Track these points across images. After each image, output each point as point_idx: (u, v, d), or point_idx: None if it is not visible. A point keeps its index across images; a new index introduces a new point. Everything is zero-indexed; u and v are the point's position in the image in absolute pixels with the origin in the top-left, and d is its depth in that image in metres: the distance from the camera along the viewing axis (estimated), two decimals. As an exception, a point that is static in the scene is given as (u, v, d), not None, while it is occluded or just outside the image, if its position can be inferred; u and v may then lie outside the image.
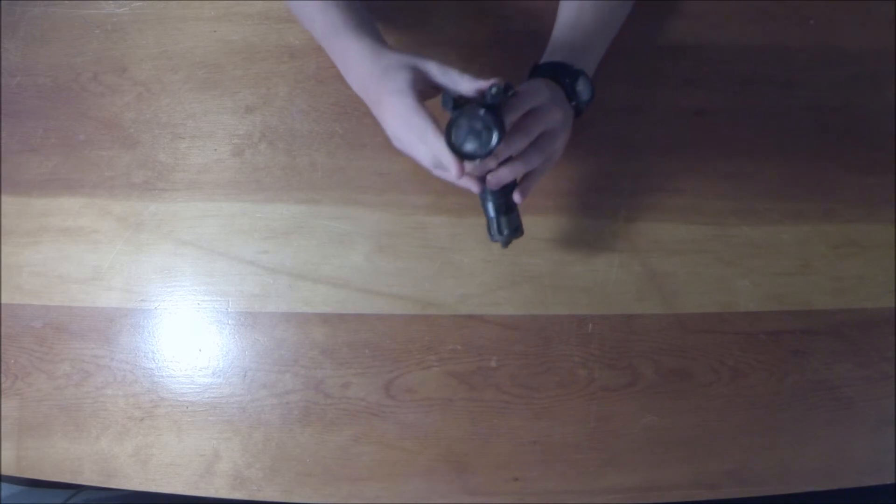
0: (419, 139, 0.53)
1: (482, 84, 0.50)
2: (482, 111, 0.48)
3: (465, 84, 0.51)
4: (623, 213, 0.68)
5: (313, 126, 0.70)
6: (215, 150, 0.70)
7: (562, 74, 0.59)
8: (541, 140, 0.55)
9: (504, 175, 0.55)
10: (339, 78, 0.60)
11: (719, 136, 0.69)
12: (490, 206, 0.56)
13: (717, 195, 0.68)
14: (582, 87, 0.59)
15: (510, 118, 0.52)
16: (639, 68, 0.70)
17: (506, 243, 0.58)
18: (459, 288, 0.67)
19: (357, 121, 0.69)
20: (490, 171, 0.54)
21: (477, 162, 0.51)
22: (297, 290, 0.67)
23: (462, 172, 0.50)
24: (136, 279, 0.69)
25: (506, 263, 0.67)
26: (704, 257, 0.67)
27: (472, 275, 0.67)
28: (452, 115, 0.49)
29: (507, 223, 0.56)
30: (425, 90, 0.54)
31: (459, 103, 0.50)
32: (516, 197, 0.57)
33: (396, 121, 0.54)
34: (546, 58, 0.62)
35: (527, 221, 0.67)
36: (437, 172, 0.56)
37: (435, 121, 0.51)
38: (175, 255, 0.69)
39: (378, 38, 0.57)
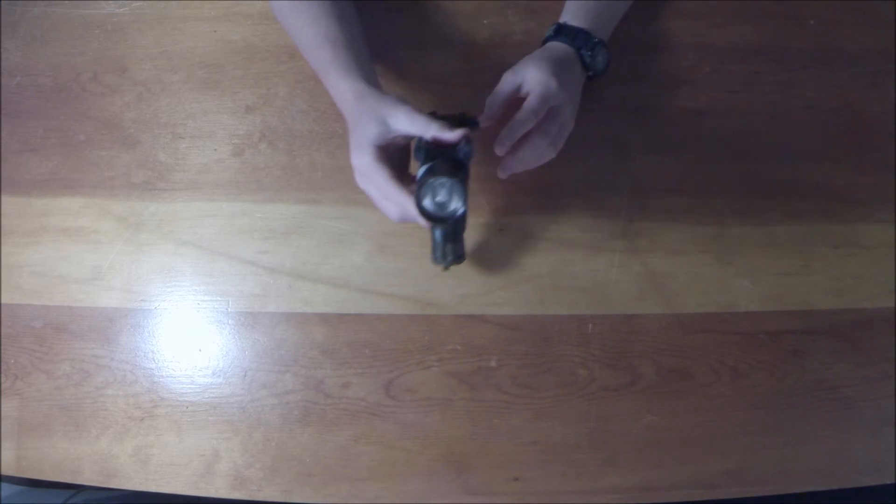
0: (383, 196, 0.54)
1: (448, 136, 0.51)
2: (449, 179, 0.49)
3: (431, 132, 0.51)
4: (623, 213, 0.68)
5: (313, 126, 0.70)
6: (215, 150, 0.70)
7: (584, 44, 0.62)
8: (546, 124, 0.57)
9: (512, 166, 0.57)
10: (339, 78, 0.61)
11: (719, 136, 0.69)
12: (437, 233, 0.57)
13: (716, 195, 0.68)
14: (601, 59, 0.63)
15: (530, 123, 0.55)
16: (639, 68, 0.70)
17: (446, 267, 0.59)
18: (459, 288, 0.67)
19: (357, 121, 0.69)
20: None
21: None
22: (297, 290, 0.67)
23: (428, 225, 0.53)
24: (136, 279, 0.69)
25: (506, 263, 0.67)
26: (704, 257, 0.67)
27: (472, 275, 0.67)
28: (420, 178, 0.51)
29: (452, 250, 0.58)
30: (395, 140, 0.54)
31: (431, 154, 0.52)
32: (501, 174, 0.59)
33: (360, 178, 0.55)
34: (569, 19, 0.64)
35: (527, 221, 0.68)
36: (402, 221, 0.56)
37: (394, 176, 0.52)
38: (175, 255, 0.69)
39: (364, 77, 0.57)
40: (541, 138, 0.57)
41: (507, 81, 0.59)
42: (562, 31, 0.63)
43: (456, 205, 0.50)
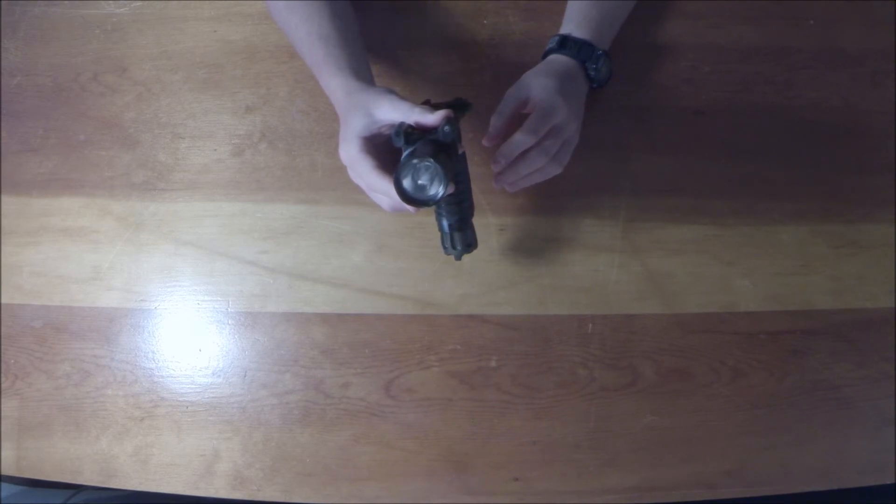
0: (367, 187, 0.53)
1: (430, 119, 0.49)
2: (428, 161, 0.47)
3: (414, 117, 0.50)
4: (623, 213, 0.68)
5: (313, 126, 0.70)
6: (215, 150, 0.70)
7: (588, 57, 0.61)
8: (546, 141, 0.56)
9: (509, 180, 0.57)
10: (339, 78, 0.61)
11: (719, 136, 0.69)
12: (444, 223, 0.56)
13: (716, 195, 0.68)
14: (605, 70, 0.63)
15: (529, 142, 0.54)
16: (639, 68, 0.70)
17: (458, 257, 0.58)
18: (459, 288, 0.67)
19: (357, 121, 0.69)
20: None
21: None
22: (297, 290, 0.67)
23: (415, 210, 0.50)
24: (136, 279, 0.69)
25: (506, 263, 0.67)
26: (704, 257, 0.67)
27: (472, 275, 0.67)
28: (402, 160, 0.49)
29: (461, 239, 0.56)
30: (382, 131, 0.53)
31: (412, 138, 0.50)
32: (503, 185, 0.58)
33: (350, 171, 0.55)
34: (572, 30, 0.63)
35: (527, 221, 0.68)
36: (395, 211, 0.55)
37: (379, 166, 0.51)
38: (175, 255, 0.69)
39: (355, 74, 0.56)
40: (538, 155, 0.56)
41: (511, 98, 0.58)
42: (565, 44, 0.62)
43: (437, 188, 0.48)
